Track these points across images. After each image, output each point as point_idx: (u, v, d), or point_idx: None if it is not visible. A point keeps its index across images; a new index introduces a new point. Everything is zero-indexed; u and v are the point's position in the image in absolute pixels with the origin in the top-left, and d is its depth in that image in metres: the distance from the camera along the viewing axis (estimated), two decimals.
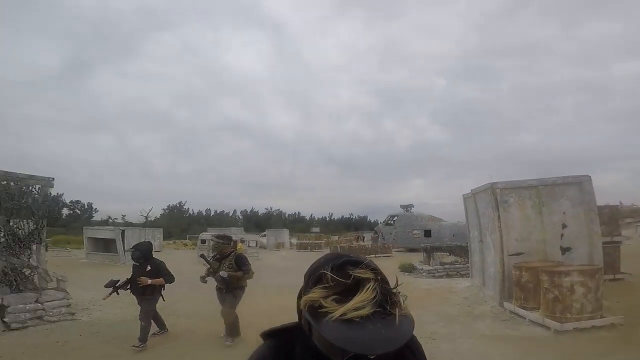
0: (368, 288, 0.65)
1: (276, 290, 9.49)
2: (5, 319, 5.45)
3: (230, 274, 4.63)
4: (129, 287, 4.71)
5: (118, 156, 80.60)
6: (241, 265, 4.77)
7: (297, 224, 57.18)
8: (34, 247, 5.89)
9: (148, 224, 39.21)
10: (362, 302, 0.63)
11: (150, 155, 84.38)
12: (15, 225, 5.50)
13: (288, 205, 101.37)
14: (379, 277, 0.69)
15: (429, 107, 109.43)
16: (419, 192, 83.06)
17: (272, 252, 25.94)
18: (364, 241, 31.70)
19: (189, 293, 7.09)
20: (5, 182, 5.48)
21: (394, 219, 27.67)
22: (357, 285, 0.66)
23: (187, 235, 38.03)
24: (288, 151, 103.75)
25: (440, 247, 15.64)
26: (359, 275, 0.67)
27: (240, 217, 61.42)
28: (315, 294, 0.68)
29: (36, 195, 5.83)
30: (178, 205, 55.68)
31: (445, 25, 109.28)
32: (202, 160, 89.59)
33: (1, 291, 5.55)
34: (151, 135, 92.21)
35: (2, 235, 5.30)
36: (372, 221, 64.15)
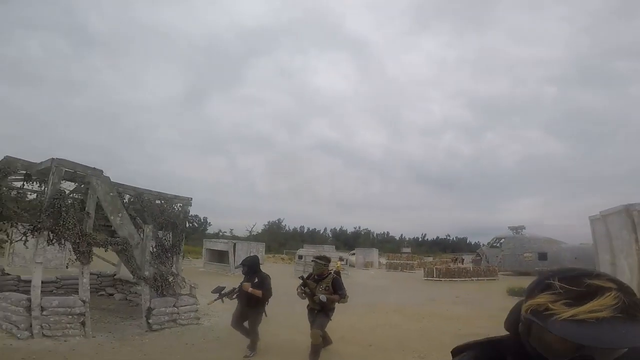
0: (609, 295, 0.64)
1: (366, 308, 9.61)
2: (149, 320, 6.18)
3: (329, 297, 4.69)
4: (234, 296, 5.01)
5: (228, 176, 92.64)
6: (338, 288, 4.79)
7: (386, 244, 55.79)
8: (174, 257, 7.05)
9: (251, 237, 43.50)
10: (599, 306, 0.63)
11: (255, 175, 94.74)
12: (163, 237, 6.81)
13: (377, 225, 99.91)
14: (622, 287, 0.67)
15: (540, 117, 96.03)
16: (530, 212, 72.55)
17: (360, 271, 25.92)
18: (462, 264, 29.09)
19: (288, 306, 7.41)
20: (158, 200, 6.95)
21: (501, 241, 25.36)
22: (593, 294, 0.65)
23: (285, 250, 40.89)
24: (377, 169, 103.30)
25: None
26: (598, 284, 0.67)
27: (330, 235, 63.13)
28: (542, 298, 0.69)
29: (179, 212, 7.17)
30: (277, 221, 60.51)
31: (547, 29, 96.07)
32: (298, 179, 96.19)
33: (150, 295, 6.37)
34: (255, 157, 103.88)
35: (154, 245, 6.57)
36: (472, 243, 58.37)
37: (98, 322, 6.29)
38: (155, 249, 6.59)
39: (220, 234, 48.17)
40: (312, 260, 5.26)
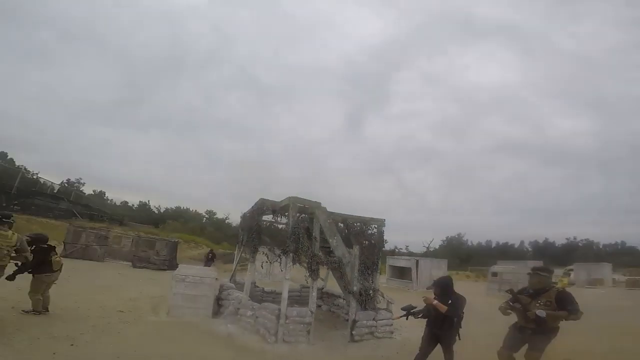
0: None
1: (601, 330, 7.53)
2: (353, 332, 6.65)
3: (550, 313, 3.96)
4: (420, 315, 4.72)
5: (398, 193, 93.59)
6: (566, 303, 3.99)
7: (621, 257, 41.31)
8: (373, 274, 7.52)
9: (429, 254, 41.77)
10: None
11: (424, 189, 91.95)
12: (364, 256, 7.36)
13: (601, 233, 76.13)
14: None
15: None
16: None
17: (584, 290, 20.29)
18: None
19: (482, 325, 6.61)
20: (357, 223, 7.74)
21: None
22: None
23: (469, 267, 37.08)
24: (588, 163, 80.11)
25: None
26: None
27: (529, 249, 52.76)
28: None
29: (375, 233, 7.76)
30: (457, 236, 55.94)
31: None
32: (476, 188, 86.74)
33: (356, 308, 6.86)
34: (422, 170, 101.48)
35: (359, 263, 7.15)
36: None
37: (312, 330, 6.84)
38: (360, 267, 7.16)
39: (397, 250, 48.62)
40: (529, 273, 4.48)
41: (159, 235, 23.87)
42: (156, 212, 51.39)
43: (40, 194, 29.96)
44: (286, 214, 7.16)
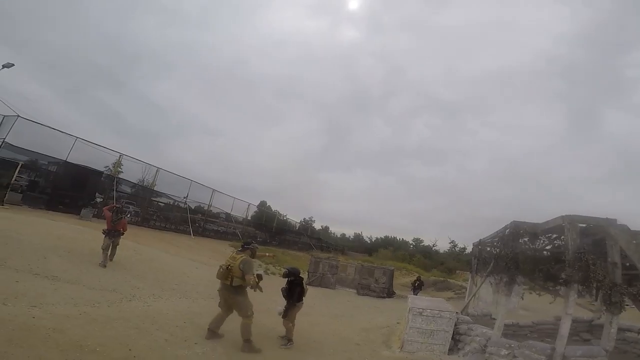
0: None
1: None
2: None
3: None
4: None
5: None
6: None
7: None
8: None
9: None
10: None
11: None
12: None
13: None
14: None
15: None
16: None
17: None
18: None
19: None
20: None
21: None
22: None
23: None
24: None
25: None
26: None
27: None
28: None
29: None
30: None
31: None
32: None
33: None
34: None
35: None
36: None
37: None
38: None
39: None
40: None
41: (373, 263, 25.42)
42: (368, 241, 56.32)
43: (289, 231, 39.25)
44: (551, 236, 6.43)
